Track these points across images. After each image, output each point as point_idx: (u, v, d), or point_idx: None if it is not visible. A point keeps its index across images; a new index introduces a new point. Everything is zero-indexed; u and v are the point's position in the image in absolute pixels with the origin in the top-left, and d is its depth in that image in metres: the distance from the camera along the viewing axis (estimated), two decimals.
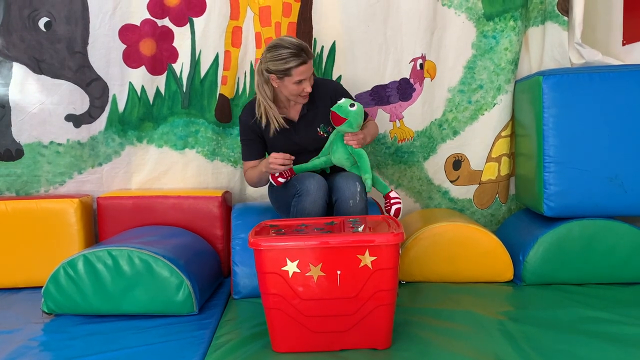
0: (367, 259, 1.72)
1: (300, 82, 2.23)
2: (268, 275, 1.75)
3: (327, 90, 2.40)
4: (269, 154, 2.39)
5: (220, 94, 2.84)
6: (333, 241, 1.73)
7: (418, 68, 2.86)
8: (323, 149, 2.37)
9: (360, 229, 1.85)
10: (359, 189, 2.18)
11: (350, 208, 2.15)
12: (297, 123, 2.38)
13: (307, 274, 1.73)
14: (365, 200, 2.21)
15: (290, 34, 2.79)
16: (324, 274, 1.73)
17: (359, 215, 2.15)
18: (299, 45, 2.20)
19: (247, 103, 2.45)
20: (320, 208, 2.15)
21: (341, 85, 2.52)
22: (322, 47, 2.83)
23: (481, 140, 2.94)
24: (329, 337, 1.79)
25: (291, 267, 1.73)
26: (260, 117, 2.34)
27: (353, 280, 1.74)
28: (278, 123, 2.32)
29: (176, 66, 2.80)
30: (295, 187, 2.20)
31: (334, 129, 2.36)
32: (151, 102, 2.82)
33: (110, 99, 2.79)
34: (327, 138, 2.38)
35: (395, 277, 1.77)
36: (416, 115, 2.90)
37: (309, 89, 2.26)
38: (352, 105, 2.22)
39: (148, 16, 2.73)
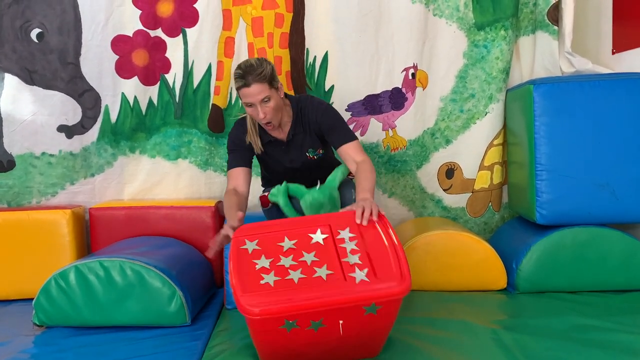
0: (373, 308, 1.58)
1: (249, 105, 2.06)
2: (263, 333, 1.61)
3: (312, 112, 2.21)
4: (263, 169, 2.38)
5: (213, 104, 2.84)
6: (339, 300, 1.54)
7: (410, 77, 2.87)
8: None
9: (364, 275, 1.60)
10: (354, 197, 2.17)
11: None
12: (287, 143, 2.26)
13: (307, 329, 1.57)
14: None
15: (282, 45, 2.80)
16: (325, 326, 1.58)
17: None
18: (249, 66, 2.02)
19: (238, 119, 2.29)
20: None
21: (327, 108, 2.24)
22: (315, 57, 2.84)
23: (473, 149, 2.95)
24: (321, 356, 1.72)
25: (290, 325, 1.55)
26: (250, 142, 2.24)
27: (356, 327, 1.61)
28: (257, 146, 2.22)
29: (169, 76, 2.81)
30: None
31: (323, 152, 2.27)
32: (144, 112, 2.82)
33: (102, 109, 2.79)
34: (317, 160, 2.29)
35: (396, 313, 1.66)
36: (409, 124, 2.91)
37: (260, 116, 2.06)
38: (307, 193, 2.09)
39: (141, 27, 2.74)
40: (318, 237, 1.72)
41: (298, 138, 2.25)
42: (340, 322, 1.57)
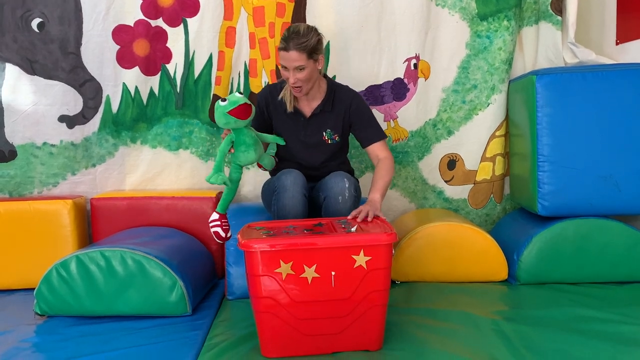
0: (362, 259, 1.70)
1: (284, 67, 2.17)
2: (260, 278, 1.71)
3: (346, 99, 2.33)
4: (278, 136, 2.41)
5: (214, 95, 2.83)
6: (329, 241, 1.71)
7: (412, 68, 2.86)
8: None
9: (353, 229, 1.82)
10: (347, 185, 2.16)
11: (339, 205, 2.14)
12: (308, 119, 2.34)
13: (301, 276, 1.71)
14: (355, 197, 2.19)
15: None
16: (318, 275, 1.71)
17: (349, 212, 2.11)
18: (295, 33, 2.14)
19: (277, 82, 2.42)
20: (298, 202, 2.13)
21: (362, 98, 2.40)
22: None
23: (475, 140, 2.94)
24: (321, 340, 1.77)
25: (285, 268, 1.70)
26: (282, 97, 2.31)
27: (347, 281, 1.72)
28: (288, 106, 2.30)
29: (170, 67, 2.80)
30: (274, 185, 2.20)
31: (340, 137, 2.33)
32: (145, 102, 2.81)
33: (103, 99, 2.78)
34: (330, 145, 2.34)
35: (389, 277, 1.76)
36: (410, 115, 2.90)
37: (291, 80, 2.17)
38: (223, 100, 2.03)
39: (142, 17, 2.72)
40: (318, 223, 1.97)
41: (322, 116, 2.32)
42: (333, 273, 1.70)
